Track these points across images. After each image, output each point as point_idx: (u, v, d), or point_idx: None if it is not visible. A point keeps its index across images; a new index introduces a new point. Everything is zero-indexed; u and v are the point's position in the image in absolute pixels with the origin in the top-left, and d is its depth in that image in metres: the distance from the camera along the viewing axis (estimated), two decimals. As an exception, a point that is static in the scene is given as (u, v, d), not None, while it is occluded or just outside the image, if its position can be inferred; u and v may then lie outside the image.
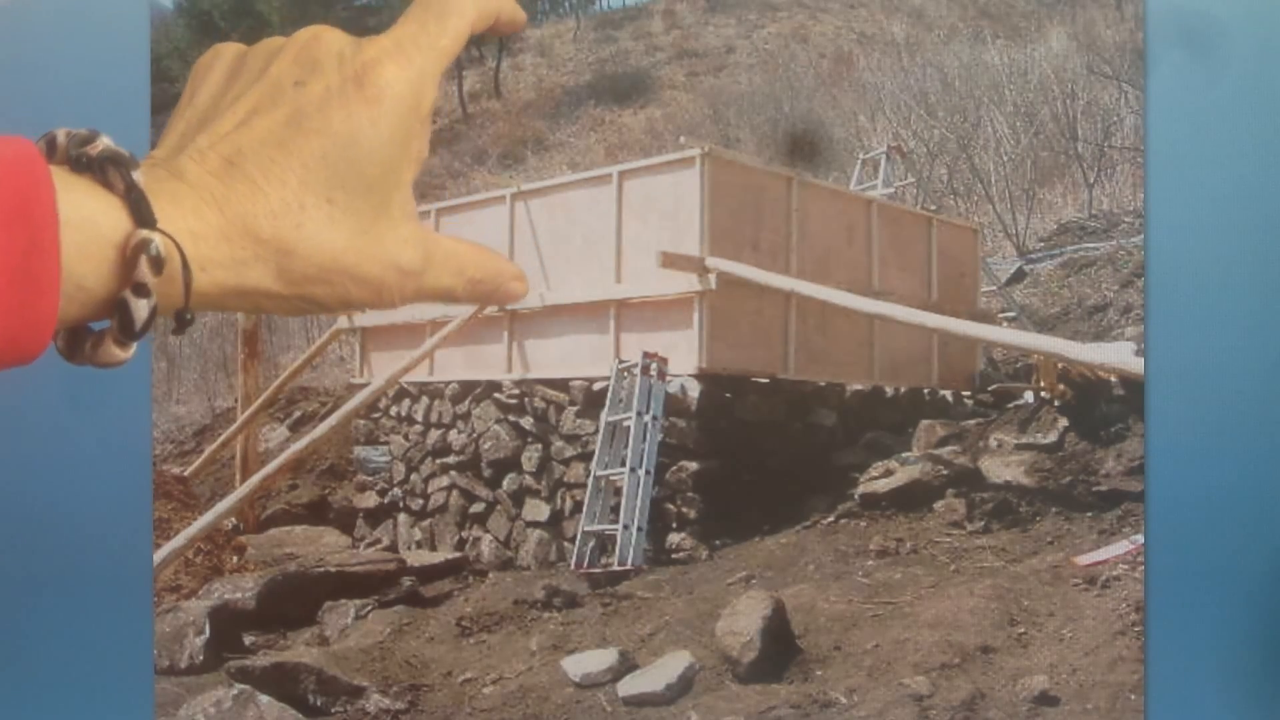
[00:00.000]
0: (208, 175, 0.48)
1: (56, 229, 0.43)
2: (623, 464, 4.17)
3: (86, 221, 0.44)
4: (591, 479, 4.26)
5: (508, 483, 4.85)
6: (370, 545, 5.29)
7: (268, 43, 0.53)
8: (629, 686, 2.93)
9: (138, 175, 0.45)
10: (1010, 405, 4.94)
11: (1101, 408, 4.23)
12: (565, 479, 4.62)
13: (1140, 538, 3.11)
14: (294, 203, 0.48)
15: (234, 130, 0.49)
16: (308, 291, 0.49)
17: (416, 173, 0.55)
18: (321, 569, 4.07)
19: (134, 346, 0.47)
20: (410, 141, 0.52)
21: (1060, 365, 4.34)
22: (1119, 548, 3.21)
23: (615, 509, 4.16)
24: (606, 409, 4.31)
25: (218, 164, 0.48)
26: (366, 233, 0.50)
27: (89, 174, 0.45)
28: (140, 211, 0.45)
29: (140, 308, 0.45)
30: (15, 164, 0.44)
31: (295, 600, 3.82)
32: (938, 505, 3.91)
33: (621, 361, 4.38)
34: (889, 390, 5.27)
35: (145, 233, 0.44)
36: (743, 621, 2.92)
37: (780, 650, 2.91)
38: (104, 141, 0.46)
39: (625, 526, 4.04)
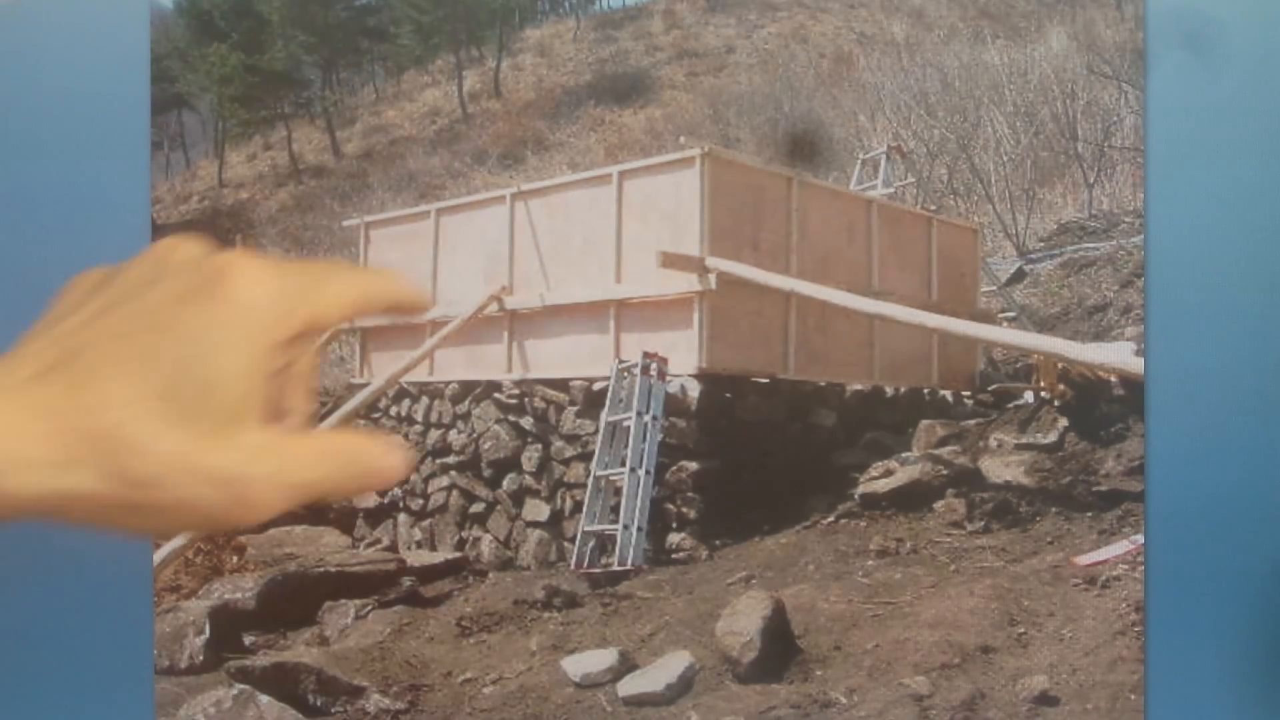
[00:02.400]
0: (30, 377, 0.44)
1: None
2: (623, 464, 4.17)
3: None
4: (591, 479, 4.26)
5: (508, 483, 4.85)
6: (370, 545, 5.29)
7: (132, 262, 0.51)
8: (629, 686, 2.93)
9: None
10: (1010, 405, 4.94)
11: (1101, 408, 4.22)
12: (565, 479, 4.62)
13: (1140, 538, 3.11)
14: (132, 396, 0.44)
15: (78, 329, 0.46)
16: (147, 495, 0.45)
17: (295, 398, 0.51)
18: (321, 569, 4.07)
19: None
20: (263, 357, 0.48)
21: (1060, 365, 4.34)
22: (1119, 548, 3.21)
23: (615, 509, 4.16)
24: (606, 409, 4.31)
25: (47, 364, 0.45)
26: (213, 434, 0.46)
27: None
28: None
29: None
30: None
31: (295, 600, 3.82)
32: (938, 505, 3.91)
33: (621, 361, 4.38)
34: (889, 390, 5.27)
35: None
36: (743, 621, 2.92)
37: (780, 650, 2.91)
38: None
39: (625, 526, 4.04)
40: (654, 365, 4.29)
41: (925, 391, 5.41)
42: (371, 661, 3.24)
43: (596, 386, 4.53)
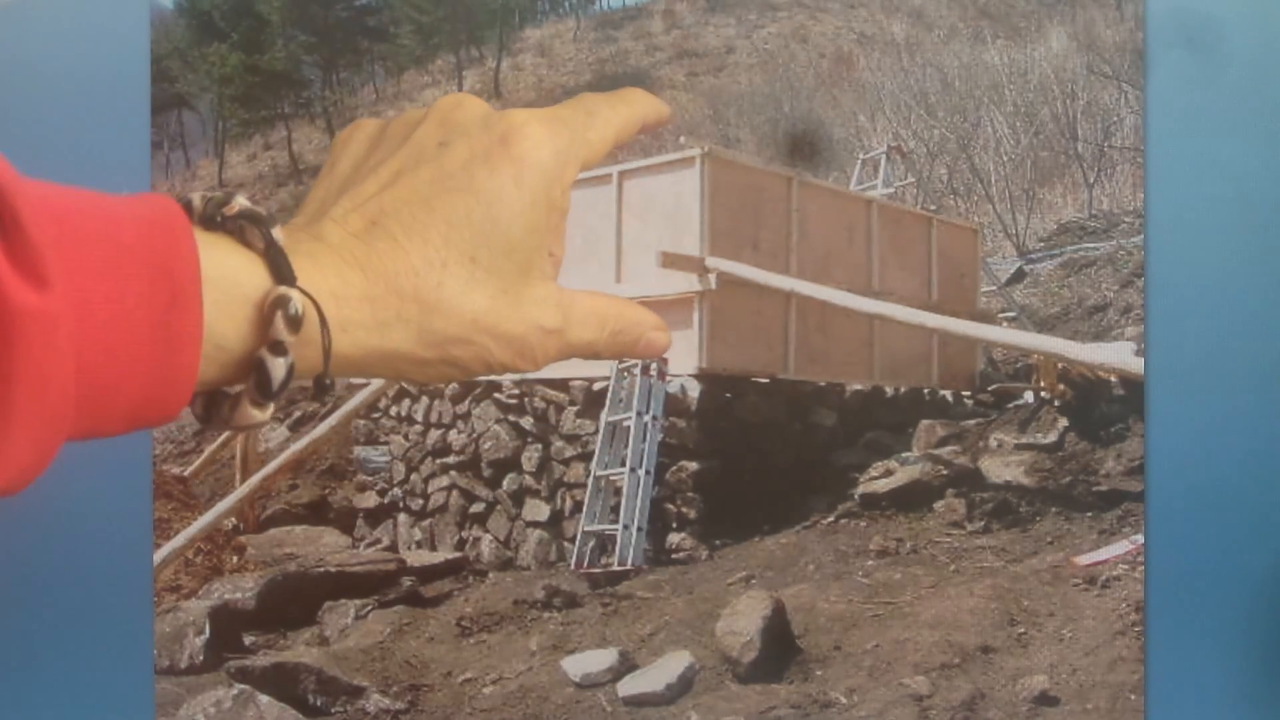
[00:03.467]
0: (350, 237, 0.47)
1: (199, 285, 0.42)
2: (623, 464, 4.17)
3: (226, 279, 0.43)
4: (591, 479, 4.26)
5: (508, 483, 4.85)
6: (370, 545, 5.29)
7: (409, 113, 0.53)
8: (629, 686, 2.93)
9: (277, 233, 0.45)
10: (1010, 405, 4.93)
11: (1101, 408, 4.22)
12: (565, 479, 4.62)
13: (1140, 538, 3.11)
14: (436, 261, 0.47)
15: (377, 192, 0.49)
16: (449, 353, 0.49)
17: (558, 246, 0.54)
18: (321, 569, 4.07)
19: (271, 407, 0.46)
20: (550, 208, 0.52)
21: (1060, 365, 4.33)
22: (1119, 548, 3.21)
23: (615, 509, 4.16)
24: (606, 409, 4.31)
25: (360, 225, 0.48)
26: (507, 292, 0.49)
27: (226, 233, 0.45)
28: (279, 269, 0.44)
29: (277, 366, 0.44)
30: (157, 220, 0.43)
31: (295, 600, 3.82)
32: (938, 505, 3.90)
33: (621, 361, 4.38)
34: (889, 390, 5.27)
35: (283, 289, 0.43)
36: (743, 621, 2.92)
37: (780, 650, 2.91)
38: (241, 201, 0.46)
39: (625, 526, 4.04)
40: (654, 365, 4.29)
41: (925, 391, 5.41)
42: (371, 661, 3.24)
43: (596, 386, 4.53)
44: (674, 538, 4.64)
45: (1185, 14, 1.40)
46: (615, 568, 4.24)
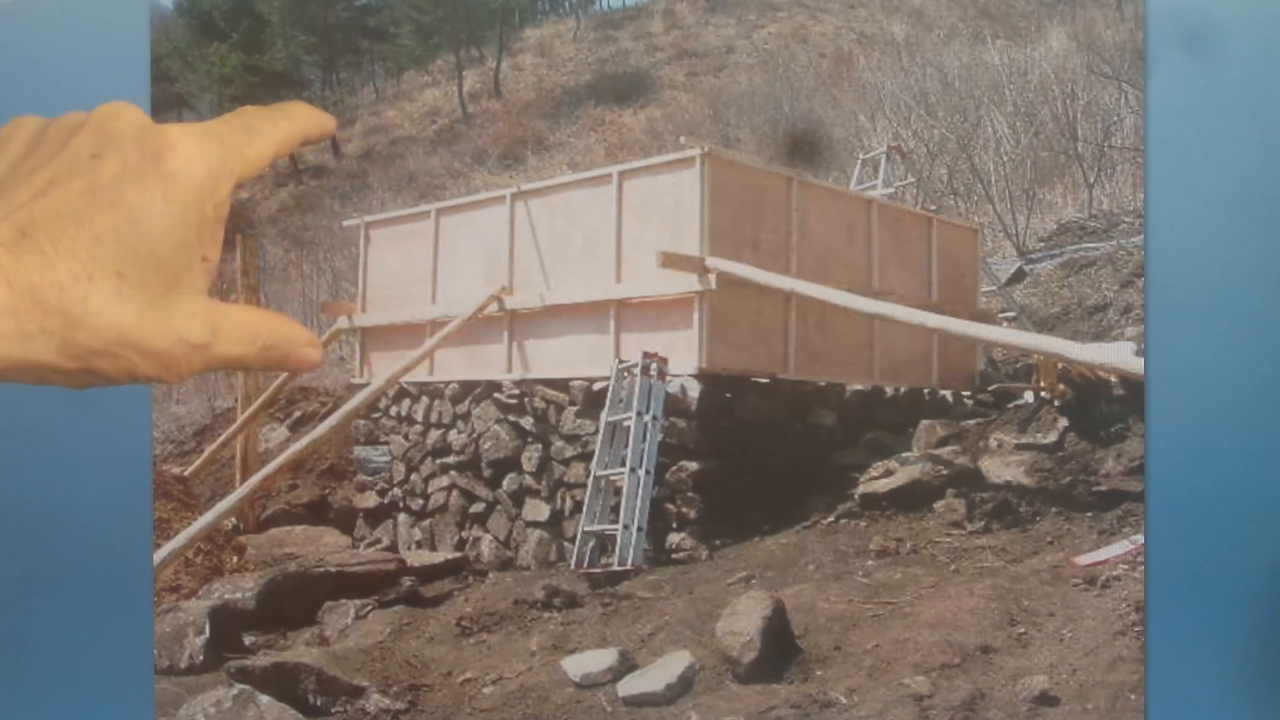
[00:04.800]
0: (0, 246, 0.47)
1: None
2: (623, 464, 4.17)
3: None
4: (591, 479, 4.26)
5: (508, 483, 4.85)
6: (370, 545, 5.29)
7: (69, 116, 0.53)
8: (629, 686, 2.93)
9: None
10: (1010, 405, 4.94)
11: (1101, 408, 4.22)
12: (565, 479, 4.62)
13: (1140, 538, 3.11)
14: (82, 275, 0.47)
15: (29, 201, 0.49)
16: (93, 364, 0.49)
17: (211, 256, 0.54)
18: (321, 569, 4.07)
19: None
20: (201, 225, 0.52)
21: (1060, 365, 4.34)
22: (1119, 548, 3.21)
23: (615, 509, 4.16)
24: (606, 409, 4.31)
25: (9, 235, 0.48)
26: (154, 307, 0.49)
27: None
28: None
29: None
30: None
31: (295, 600, 3.82)
32: (938, 505, 3.91)
33: (621, 361, 4.38)
34: (889, 390, 5.27)
35: None
36: (743, 621, 2.92)
37: (780, 650, 2.91)
38: None
39: (625, 526, 4.04)
40: (654, 365, 4.29)
41: (925, 391, 5.41)
42: (371, 661, 3.24)
43: (596, 386, 4.53)
44: (674, 538, 4.64)
45: (1185, 14, 1.40)
46: (615, 568, 4.24)
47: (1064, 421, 4.25)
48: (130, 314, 0.49)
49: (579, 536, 4.20)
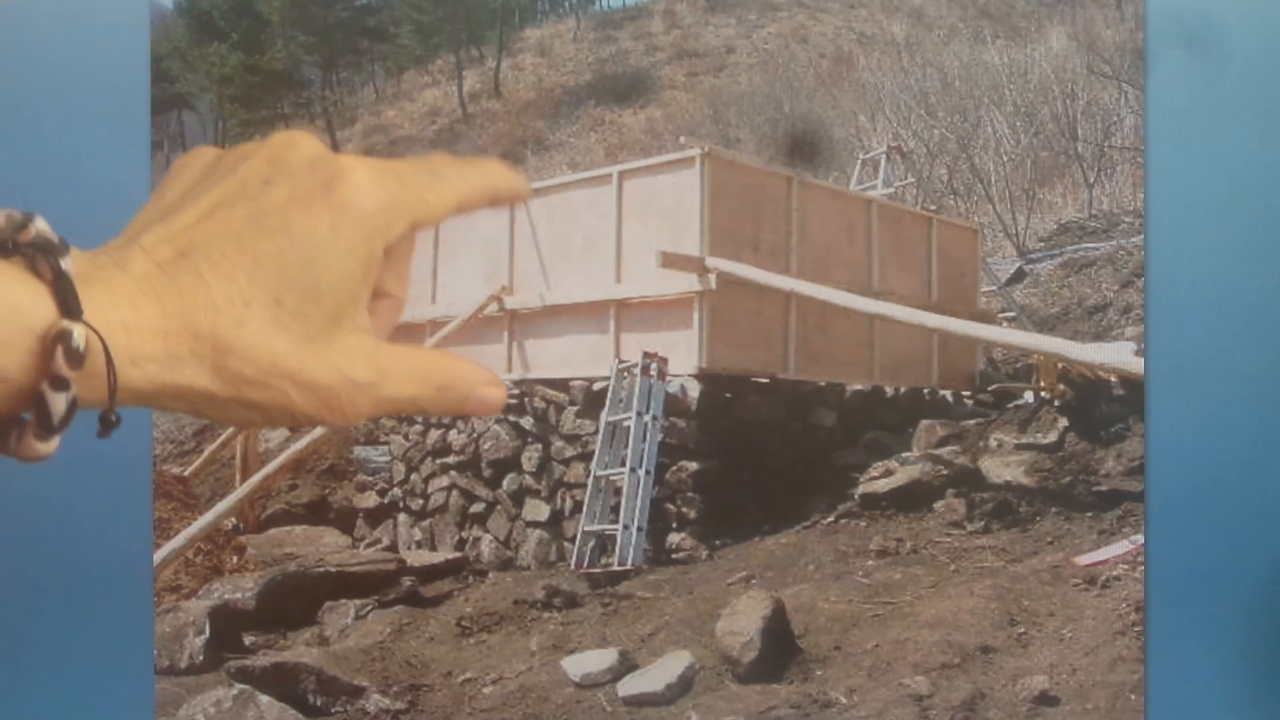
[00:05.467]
0: (154, 268, 0.45)
1: None
2: (623, 464, 4.17)
3: (10, 309, 0.42)
4: (591, 479, 4.26)
5: (508, 483, 4.85)
6: (370, 545, 5.29)
7: (245, 146, 0.51)
8: (629, 686, 2.93)
9: (66, 263, 0.44)
10: (1010, 405, 4.94)
11: (1101, 408, 4.23)
12: (565, 479, 4.62)
13: (1140, 538, 3.11)
14: (238, 299, 0.46)
15: (193, 224, 0.47)
16: (245, 394, 0.47)
17: (393, 311, 0.52)
18: (321, 569, 4.07)
19: (56, 440, 0.45)
20: (370, 260, 0.50)
21: (1060, 365, 4.34)
22: (1119, 548, 3.21)
23: (615, 509, 4.16)
24: (606, 409, 4.31)
25: (168, 256, 0.46)
26: (313, 340, 0.47)
27: (19, 259, 0.44)
28: (66, 301, 0.42)
29: (57, 401, 0.43)
30: None
31: (295, 600, 3.82)
32: (938, 505, 3.91)
33: (621, 361, 4.38)
34: (889, 390, 5.27)
35: (66, 323, 0.42)
36: (743, 621, 2.92)
37: (780, 650, 2.91)
38: (37, 227, 0.44)
39: (625, 526, 4.04)
40: (654, 365, 4.29)
41: (925, 391, 5.41)
42: (371, 661, 3.24)
43: (596, 386, 4.53)
44: (674, 538, 4.64)
45: (1185, 14, 1.40)
46: (615, 568, 4.24)
47: (1064, 421, 4.25)
48: (286, 343, 0.47)
49: (579, 536, 4.20)
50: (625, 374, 4.34)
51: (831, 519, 4.07)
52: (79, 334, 0.42)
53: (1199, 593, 1.41)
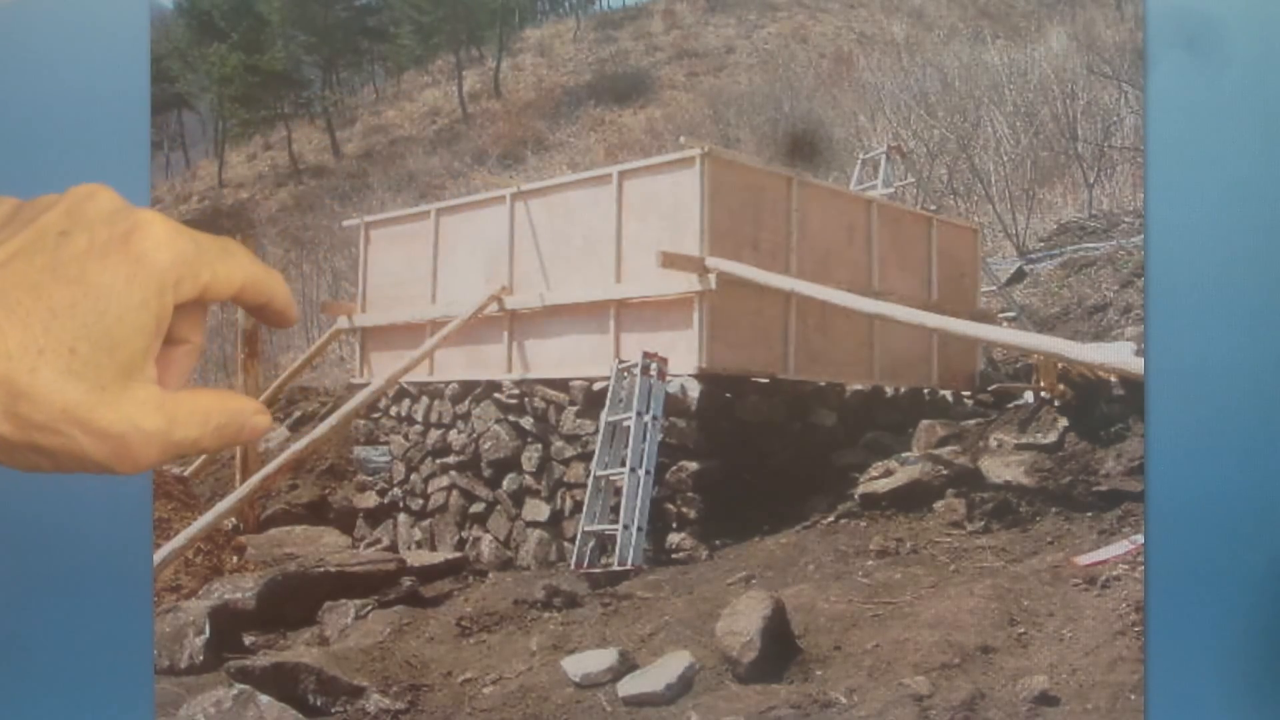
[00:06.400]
0: None
1: None
2: (623, 464, 4.17)
3: None
4: (591, 479, 4.26)
5: (508, 483, 4.85)
6: (370, 545, 5.29)
7: (45, 198, 0.52)
8: (629, 686, 2.93)
9: None
10: (1010, 405, 4.94)
11: (1101, 408, 4.23)
12: (565, 479, 4.62)
13: (1140, 538, 3.11)
14: (33, 347, 0.46)
15: None
16: (36, 440, 0.47)
17: (190, 356, 0.53)
18: (321, 569, 4.07)
19: None
20: (162, 317, 0.51)
21: (1060, 365, 4.34)
22: (1119, 548, 3.21)
23: (615, 509, 4.16)
24: (606, 409, 4.31)
25: None
26: (105, 389, 0.48)
27: None
28: None
29: None
30: None
31: (295, 600, 3.82)
32: (938, 505, 3.91)
33: (621, 361, 4.38)
34: (889, 390, 5.27)
35: None
36: (743, 621, 2.92)
37: (780, 650, 2.90)
38: None
39: (625, 526, 4.04)
40: (654, 365, 4.29)
41: (925, 391, 5.41)
42: (371, 661, 3.24)
43: (596, 386, 4.53)
44: (674, 538, 4.64)
45: (1185, 14, 1.40)
46: (615, 568, 4.24)
47: (1064, 421, 4.25)
48: (79, 391, 0.47)
49: (579, 536, 4.19)
50: (625, 374, 4.34)
51: (831, 519, 4.06)
52: None
53: (1199, 593, 1.41)
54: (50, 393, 0.47)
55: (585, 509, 4.23)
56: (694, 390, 4.43)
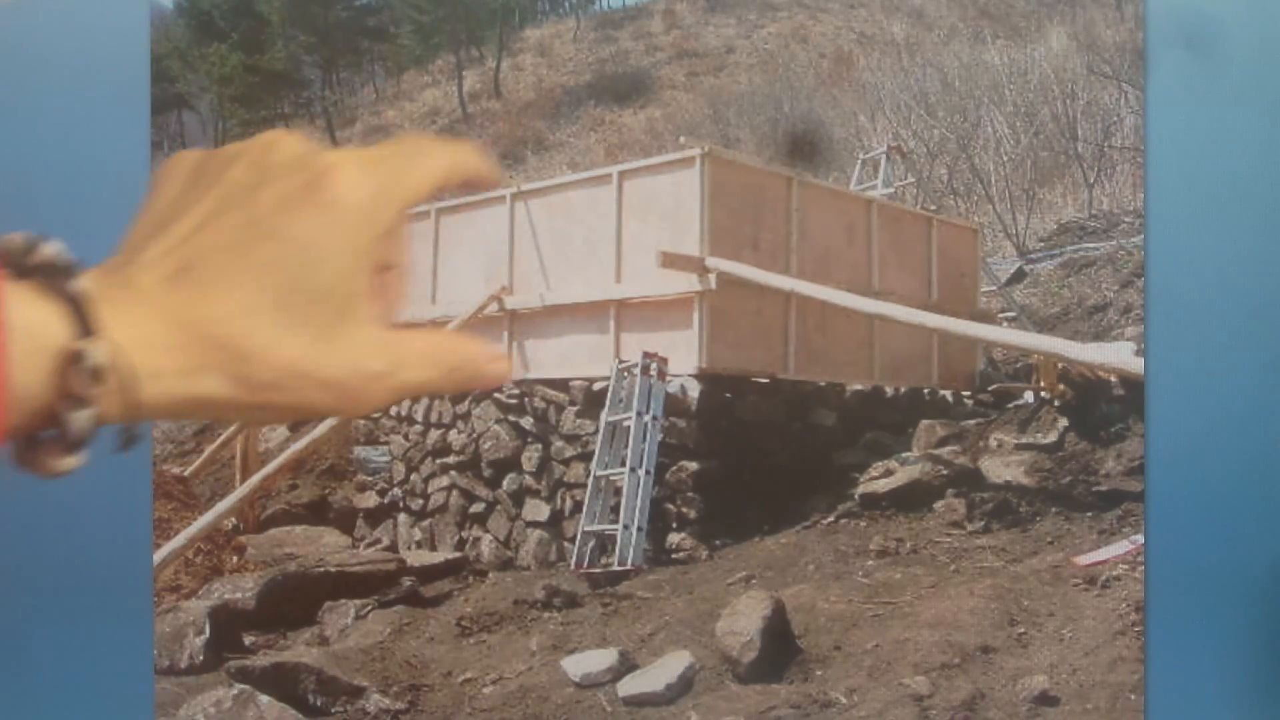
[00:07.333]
0: (158, 283, 0.46)
1: (3, 335, 0.42)
2: (623, 464, 4.17)
3: (28, 329, 0.43)
4: (591, 479, 4.26)
5: (508, 483, 4.85)
6: (370, 545, 5.29)
7: (227, 149, 0.52)
8: (629, 686, 2.93)
9: (81, 283, 0.45)
10: (1010, 405, 4.94)
11: (1101, 408, 4.23)
12: (565, 479, 4.62)
13: (1140, 538, 3.11)
14: (246, 308, 0.46)
15: (188, 236, 0.48)
16: (266, 398, 0.48)
17: (398, 281, 0.53)
18: (321, 569, 4.07)
19: (78, 457, 0.46)
20: (366, 254, 0.51)
21: (1060, 365, 4.34)
22: (1119, 548, 3.21)
23: (615, 509, 4.16)
24: (606, 409, 4.31)
25: (170, 271, 0.47)
26: (324, 338, 0.48)
27: (33, 281, 0.45)
28: (82, 320, 0.44)
29: (79, 419, 0.44)
30: None
31: (295, 600, 3.82)
32: (938, 505, 3.91)
33: (621, 361, 4.38)
34: (889, 390, 5.27)
35: (84, 342, 0.43)
36: (743, 621, 2.92)
37: (780, 650, 2.90)
38: (48, 248, 0.45)
39: (625, 526, 4.04)
40: (654, 365, 4.29)
41: (925, 391, 5.41)
42: (371, 661, 3.24)
43: (596, 386, 4.53)
44: (674, 538, 4.63)
45: (1185, 14, 1.40)
46: (615, 568, 4.23)
47: (1064, 421, 4.25)
48: (300, 345, 0.47)
49: (579, 536, 4.19)
50: (625, 374, 4.33)
51: (831, 519, 4.06)
52: (97, 352, 0.43)
53: (1199, 593, 1.41)
54: (271, 351, 0.47)
55: (585, 509, 4.23)
56: (694, 390, 4.43)
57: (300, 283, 0.48)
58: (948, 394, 5.49)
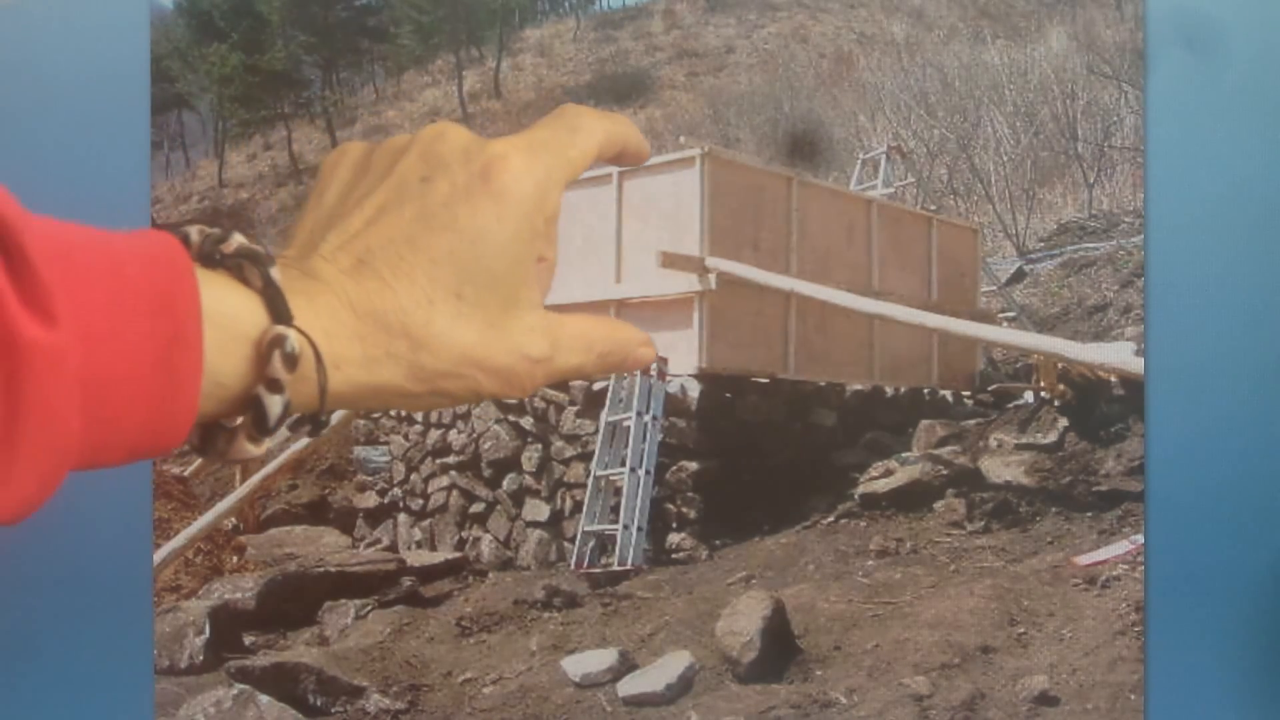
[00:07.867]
0: (340, 274, 0.48)
1: (200, 323, 0.43)
2: (623, 464, 4.17)
3: (225, 317, 0.44)
4: (591, 479, 4.26)
5: (508, 483, 4.85)
6: (370, 545, 5.29)
7: (394, 140, 0.54)
8: (629, 686, 2.93)
9: (274, 272, 0.45)
10: (1010, 405, 4.93)
11: (1101, 408, 4.22)
12: (565, 479, 4.62)
13: (1140, 538, 3.11)
14: (423, 299, 0.48)
15: (363, 229, 0.49)
16: (439, 386, 0.49)
17: (547, 273, 0.54)
18: (321, 569, 4.07)
19: (267, 442, 0.47)
20: (534, 238, 0.52)
21: (1060, 365, 4.34)
22: (1119, 548, 3.21)
23: (615, 509, 4.15)
24: (606, 409, 4.30)
25: (349, 263, 0.48)
26: (494, 325, 0.50)
27: (224, 270, 0.45)
28: (277, 308, 0.45)
29: (274, 404, 0.45)
30: (159, 258, 0.44)
31: (295, 600, 3.82)
32: (938, 505, 3.91)
33: (621, 361, 4.38)
34: (889, 390, 5.27)
35: (281, 329, 0.44)
36: (743, 621, 2.92)
37: (780, 650, 2.90)
38: (239, 239, 0.46)
39: (625, 526, 4.04)
40: (654, 365, 4.29)
41: (925, 391, 5.40)
42: (371, 661, 3.24)
43: (596, 386, 4.53)
44: (674, 538, 4.63)
45: (1185, 14, 1.40)
46: (615, 568, 4.24)
47: (1064, 421, 4.25)
48: (472, 334, 0.49)
49: (579, 536, 4.19)
50: (625, 374, 4.33)
51: (831, 519, 4.06)
52: (293, 339, 0.43)
53: (1199, 593, 1.41)
54: (447, 341, 0.48)
55: (585, 509, 4.23)
56: (694, 390, 4.42)
57: (473, 272, 0.49)
58: (948, 394, 5.49)
